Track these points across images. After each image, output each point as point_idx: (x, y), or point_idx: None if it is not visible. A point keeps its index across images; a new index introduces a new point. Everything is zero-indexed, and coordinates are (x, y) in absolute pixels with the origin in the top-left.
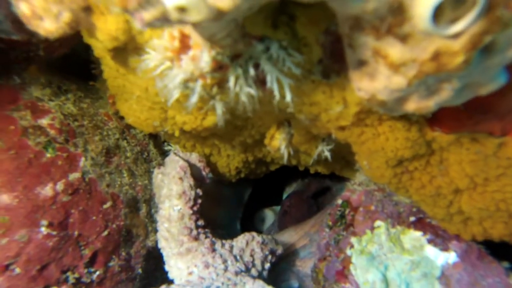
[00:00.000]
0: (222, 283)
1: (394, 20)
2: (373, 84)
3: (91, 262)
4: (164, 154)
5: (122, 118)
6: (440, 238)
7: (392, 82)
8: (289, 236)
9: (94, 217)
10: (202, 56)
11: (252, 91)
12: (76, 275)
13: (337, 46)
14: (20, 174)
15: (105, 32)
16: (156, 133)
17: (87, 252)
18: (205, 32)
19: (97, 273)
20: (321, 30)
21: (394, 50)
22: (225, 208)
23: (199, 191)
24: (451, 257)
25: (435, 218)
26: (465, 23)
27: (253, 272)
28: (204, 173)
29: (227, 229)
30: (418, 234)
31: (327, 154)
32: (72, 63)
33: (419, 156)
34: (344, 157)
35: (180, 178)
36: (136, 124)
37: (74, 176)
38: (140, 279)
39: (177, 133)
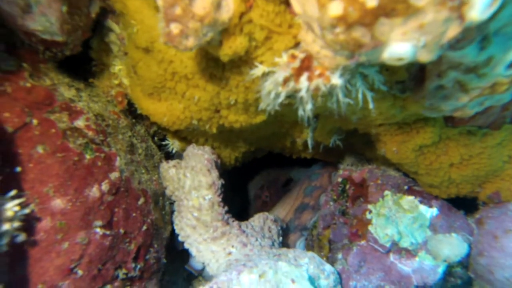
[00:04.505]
0: (267, 257)
1: (481, 66)
2: (445, 101)
3: (136, 256)
4: (159, 148)
5: (128, 115)
6: (426, 199)
7: (460, 100)
8: (278, 213)
9: (134, 214)
10: (333, 76)
11: (351, 101)
12: (125, 271)
13: (419, 73)
14: (70, 177)
15: (232, 48)
16: (177, 129)
17: (133, 247)
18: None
19: (138, 266)
20: None
21: (472, 82)
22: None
23: (222, 181)
24: (434, 211)
25: (430, 185)
26: None
27: (276, 245)
28: (218, 164)
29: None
30: (411, 198)
31: (339, 142)
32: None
33: (433, 143)
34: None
35: (208, 170)
36: (168, 122)
37: (115, 175)
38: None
39: (214, 130)
